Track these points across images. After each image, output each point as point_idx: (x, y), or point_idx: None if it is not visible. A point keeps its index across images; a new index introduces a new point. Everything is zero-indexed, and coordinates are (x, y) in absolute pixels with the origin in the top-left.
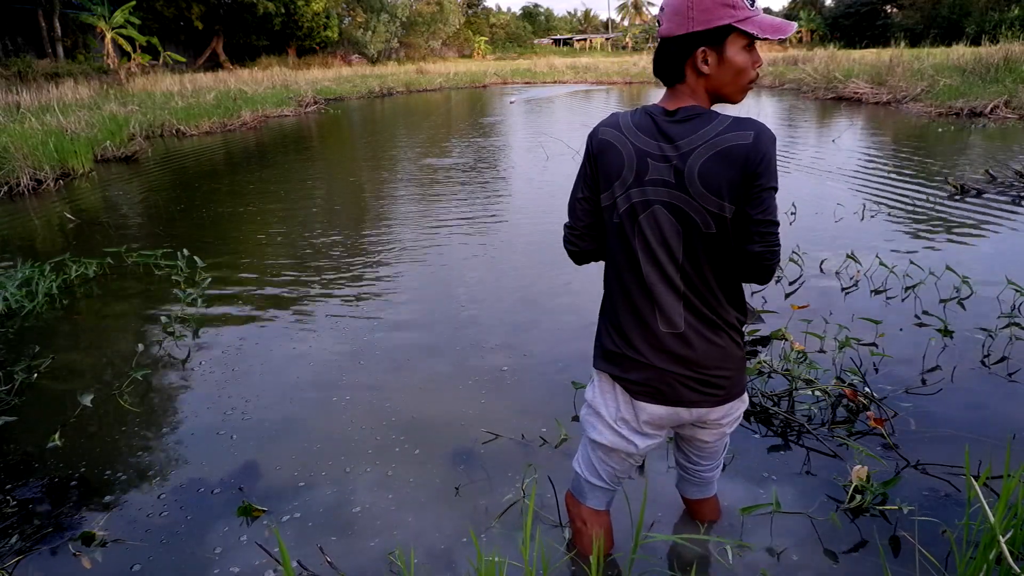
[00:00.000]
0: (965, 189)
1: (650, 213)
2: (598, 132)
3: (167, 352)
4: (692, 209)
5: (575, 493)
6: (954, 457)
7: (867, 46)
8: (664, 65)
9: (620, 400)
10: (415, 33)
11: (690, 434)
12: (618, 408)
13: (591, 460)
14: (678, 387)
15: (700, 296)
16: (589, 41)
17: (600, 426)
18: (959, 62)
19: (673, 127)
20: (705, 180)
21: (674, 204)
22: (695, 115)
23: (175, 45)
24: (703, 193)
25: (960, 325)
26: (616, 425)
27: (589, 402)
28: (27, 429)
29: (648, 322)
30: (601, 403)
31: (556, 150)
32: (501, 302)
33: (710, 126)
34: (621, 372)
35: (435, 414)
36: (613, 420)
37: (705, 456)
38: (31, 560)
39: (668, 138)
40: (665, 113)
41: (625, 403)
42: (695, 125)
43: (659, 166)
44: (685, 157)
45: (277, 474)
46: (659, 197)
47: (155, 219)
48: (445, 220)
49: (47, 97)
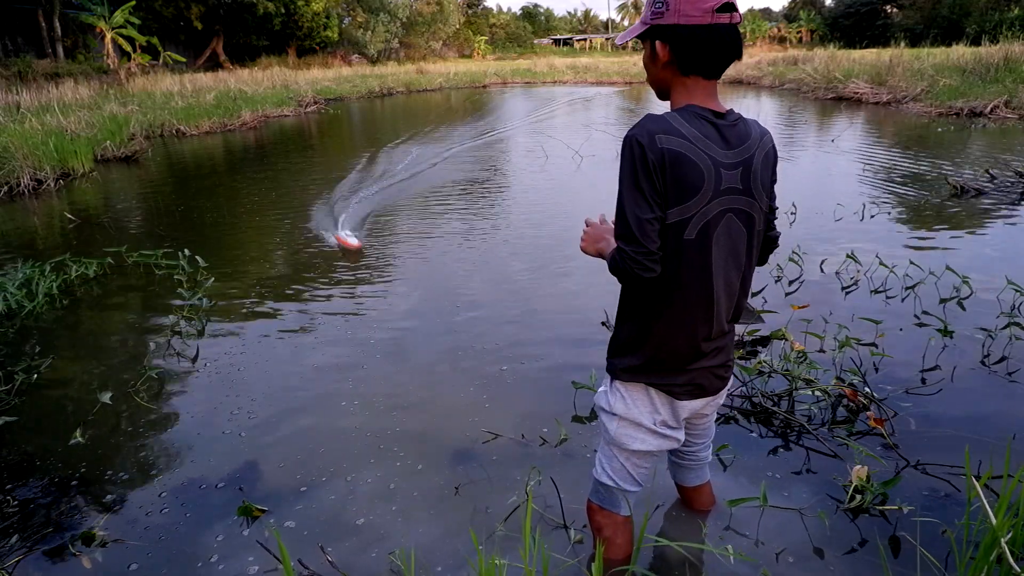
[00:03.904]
0: (965, 189)
1: (724, 224)
2: (657, 142)
3: (173, 351)
4: (755, 211)
5: (607, 505)
6: (954, 457)
7: (867, 46)
8: (729, 54)
9: (657, 404)
10: (415, 33)
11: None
12: (657, 412)
13: (625, 469)
14: (713, 379)
15: (744, 294)
16: (589, 41)
17: (642, 435)
18: (959, 62)
19: (731, 131)
20: (763, 181)
21: (743, 210)
22: (739, 117)
23: (175, 45)
24: (762, 194)
25: (960, 325)
26: (659, 429)
27: (621, 415)
28: (27, 429)
29: (700, 331)
30: (638, 413)
31: (554, 150)
32: (501, 302)
33: (752, 128)
34: (664, 380)
35: (435, 414)
36: (655, 425)
37: (703, 435)
38: (31, 560)
39: (731, 143)
40: (718, 116)
41: (663, 404)
42: (748, 128)
43: (730, 174)
44: (749, 162)
45: (278, 474)
46: (731, 205)
47: (155, 219)
48: (446, 221)
49: (47, 97)
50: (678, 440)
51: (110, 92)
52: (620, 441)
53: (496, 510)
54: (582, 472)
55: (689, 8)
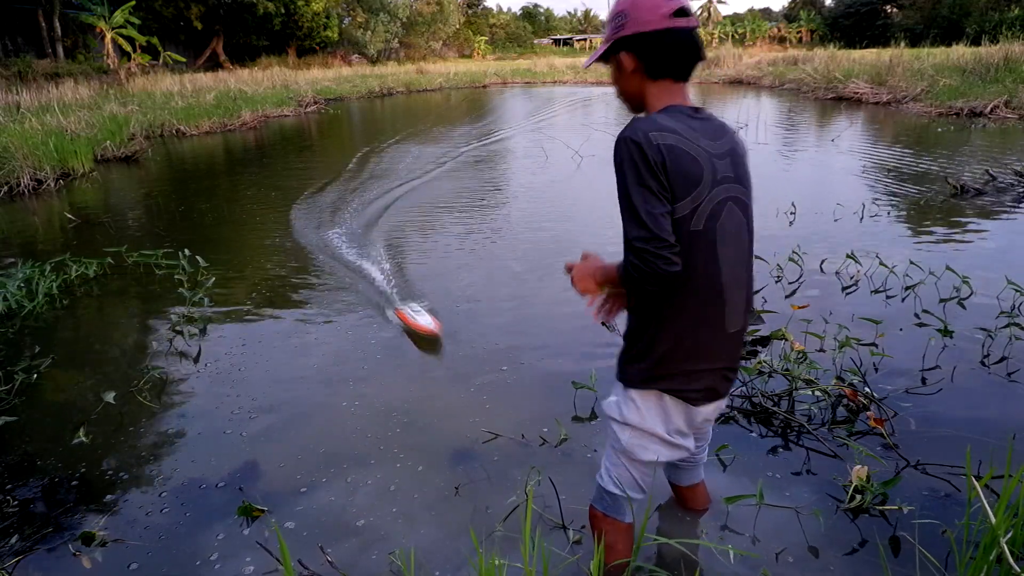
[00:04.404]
0: (965, 189)
1: (726, 212)
2: (652, 139)
3: (175, 351)
4: (748, 199)
5: (611, 512)
6: (954, 457)
7: (867, 46)
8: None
9: (672, 412)
10: (415, 33)
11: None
12: (671, 420)
13: (632, 477)
14: (723, 381)
15: (751, 285)
16: (589, 41)
17: (655, 446)
18: (959, 62)
19: (710, 125)
20: (747, 171)
21: (740, 199)
22: (711, 114)
23: (175, 45)
24: (750, 184)
25: (960, 325)
26: (673, 438)
27: (635, 426)
28: (27, 429)
29: (717, 328)
30: (652, 423)
31: (554, 150)
32: (500, 302)
33: (725, 123)
34: (683, 386)
35: (436, 414)
36: (669, 435)
37: (702, 437)
38: (31, 560)
39: (715, 136)
40: (696, 111)
41: (677, 413)
42: (722, 122)
43: (722, 163)
44: (733, 152)
45: (278, 474)
46: (729, 194)
47: (155, 219)
48: (445, 221)
49: (47, 97)
50: (688, 449)
51: (110, 92)
52: (632, 452)
53: (496, 510)
54: (582, 472)
55: (647, 15)
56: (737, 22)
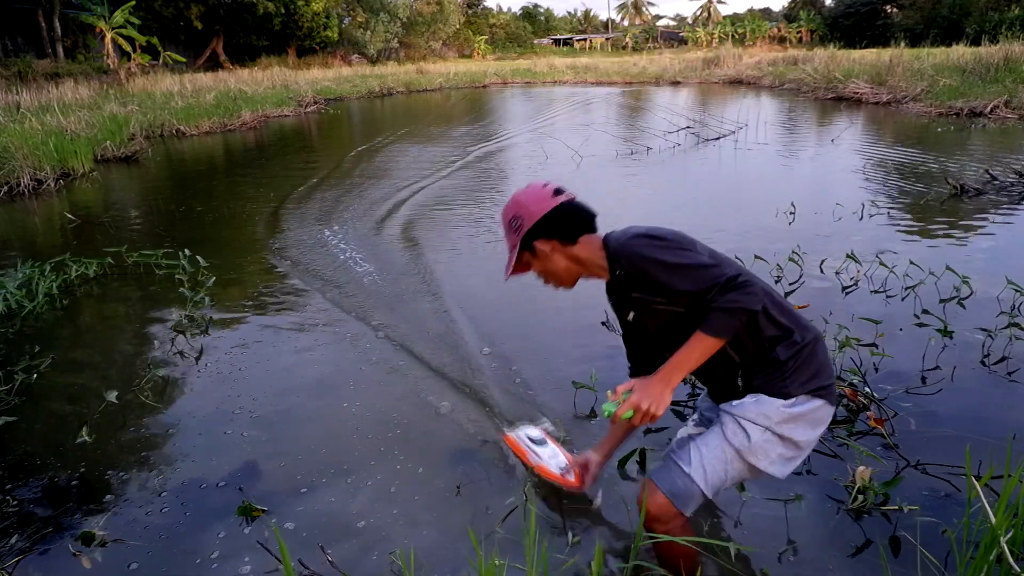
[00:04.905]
0: (965, 189)
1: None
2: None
3: (177, 350)
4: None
5: (678, 503)
6: (954, 457)
7: (867, 46)
8: (588, 213)
9: (823, 422)
10: (415, 33)
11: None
12: (818, 431)
13: (725, 477)
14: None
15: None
16: (589, 41)
17: (791, 452)
18: (959, 62)
19: None
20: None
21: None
22: None
23: (175, 45)
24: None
25: (960, 325)
26: (803, 451)
27: (797, 442)
28: (27, 429)
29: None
30: (801, 432)
31: (554, 150)
32: (500, 302)
33: None
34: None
35: (436, 414)
36: (802, 447)
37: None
38: (31, 560)
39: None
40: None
41: (822, 422)
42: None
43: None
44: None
45: (278, 474)
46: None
47: (155, 219)
48: (444, 221)
49: (47, 97)
50: (793, 467)
51: (110, 92)
52: (754, 452)
53: (496, 511)
54: None
55: (536, 207)
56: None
